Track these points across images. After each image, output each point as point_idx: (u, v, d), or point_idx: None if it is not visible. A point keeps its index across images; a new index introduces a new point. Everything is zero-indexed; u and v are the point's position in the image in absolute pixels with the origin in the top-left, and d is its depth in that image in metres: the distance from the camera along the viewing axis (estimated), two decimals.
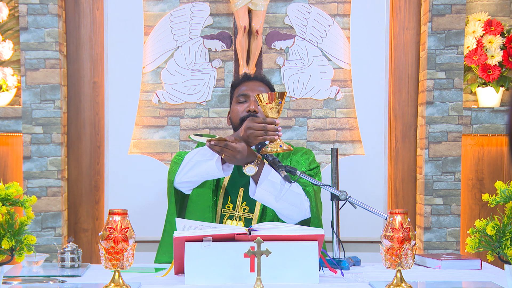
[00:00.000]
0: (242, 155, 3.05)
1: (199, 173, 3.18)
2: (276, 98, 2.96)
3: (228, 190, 3.31)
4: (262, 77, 3.46)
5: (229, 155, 3.05)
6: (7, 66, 4.15)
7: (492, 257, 2.45)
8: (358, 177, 4.18)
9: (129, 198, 4.14)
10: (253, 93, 3.28)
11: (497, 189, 2.46)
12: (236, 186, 3.30)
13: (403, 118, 4.31)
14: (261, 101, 2.97)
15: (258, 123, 3.05)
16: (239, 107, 3.31)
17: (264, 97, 2.96)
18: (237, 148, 3.03)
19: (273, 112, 3.00)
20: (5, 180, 4.07)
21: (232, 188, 3.30)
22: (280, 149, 3.01)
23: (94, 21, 4.27)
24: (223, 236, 2.64)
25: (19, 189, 2.41)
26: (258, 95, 2.97)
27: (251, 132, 3.06)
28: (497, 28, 4.19)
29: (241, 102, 3.31)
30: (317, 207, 3.22)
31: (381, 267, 2.69)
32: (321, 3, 4.25)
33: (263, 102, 2.96)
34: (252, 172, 3.09)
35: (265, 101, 2.97)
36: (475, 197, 4.28)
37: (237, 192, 3.30)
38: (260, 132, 3.04)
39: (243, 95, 3.31)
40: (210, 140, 3.04)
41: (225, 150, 3.04)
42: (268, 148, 3.01)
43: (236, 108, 3.31)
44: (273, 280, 2.57)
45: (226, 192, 3.31)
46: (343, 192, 3.07)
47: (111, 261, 2.42)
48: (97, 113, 4.27)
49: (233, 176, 3.32)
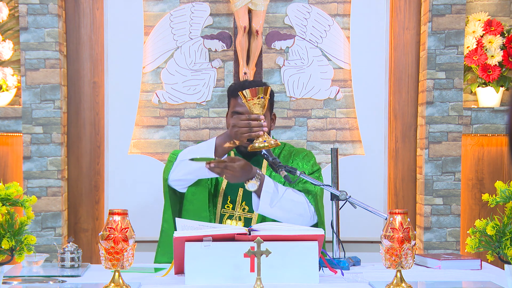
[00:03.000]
0: (243, 174, 3.11)
1: (191, 171, 3.22)
2: (258, 93, 2.99)
3: (227, 190, 3.33)
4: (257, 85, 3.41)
5: (229, 175, 3.11)
6: (7, 66, 4.15)
7: (492, 257, 2.45)
8: (358, 177, 4.18)
9: (129, 198, 4.14)
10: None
11: (497, 189, 2.46)
12: (235, 186, 3.31)
13: (403, 118, 4.31)
14: (244, 98, 3.01)
15: (243, 120, 3.08)
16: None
17: (247, 93, 3.00)
18: (236, 168, 3.08)
19: (257, 108, 3.03)
20: (5, 180, 4.07)
21: (231, 188, 3.32)
22: (268, 144, 3.04)
23: (94, 21, 4.27)
24: (223, 236, 2.65)
25: (19, 189, 2.41)
26: (241, 92, 3.01)
27: (236, 130, 3.11)
28: (497, 28, 4.19)
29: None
30: (319, 212, 3.26)
31: (381, 267, 2.69)
32: (321, 3, 4.25)
33: (246, 98, 3.00)
34: (254, 187, 3.15)
35: (248, 97, 3.00)
36: (475, 197, 4.28)
37: (236, 192, 3.31)
38: (245, 129, 3.09)
39: (237, 112, 3.31)
40: (210, 163, 3.08)
41: (225, 171, 3.10)
42: (256, 144, 3.06)
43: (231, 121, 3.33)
44: (273, 280, 2.57)
45: (225, 192, 3.33)
46: (343, 192, 3.07)
47: (111, 261, 2.42)
48: (97, 113, 4.27)
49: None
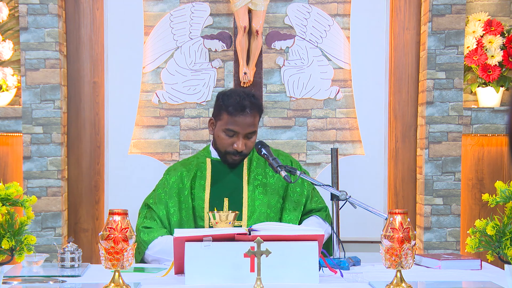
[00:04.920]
0: None
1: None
2: (228, 219, 2.87)
3: (212, 202, 3.30)
4: (255, 104, 3.35)
5: None
6: (7, 66, 4.15)
7: (492, 257, 2.45)
8: (358, 177, 4.18)
9: (129, 198, 4.14)
10: (243, 132, 3.27)
11: (497, 189, 2.46)
12: (219, 197, 3.31)
13: (403, 118, 4.31)
14: (212, 218, 2.89)
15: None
16: (227, 139, 3.30)
17: (215, 217, 2.87)
18: None
19: (221, 225, 2.89)
20: (5, 180, 4.07)
21: (215, 200, 3.30)
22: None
23: (94, 21, 4.27)
24: (223, 236, 2.64)
25: (19, 189, 2.41)
26: (210, 212, 2.89)
27: None
28: (497, 28, 4.19)
29: (229, 135, 3.30)
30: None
31: (381, 267, 2.69)
32: (321, 3, 4.25)
33: (214, 220, 2.88)
34: None
35: (216, 220, 2.87)
36: (475, 197, 4.28)
37: (221, 202, 3.30)
38: None
39: (233, 131, 3.29)
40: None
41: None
42: None
43: (223, 137, 3.30)
44: (273, 280, 2.57)
45: (211, 205, 3.29)
46: (343, 192, 3.07)
47: (111, 261, 2.42)
48: (97, 113, 4.27)
49: (214, 188, 3.32)
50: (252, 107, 3.29)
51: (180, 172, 3.37)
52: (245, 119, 3.28)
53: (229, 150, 3.30)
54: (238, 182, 3.34)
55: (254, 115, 3.30)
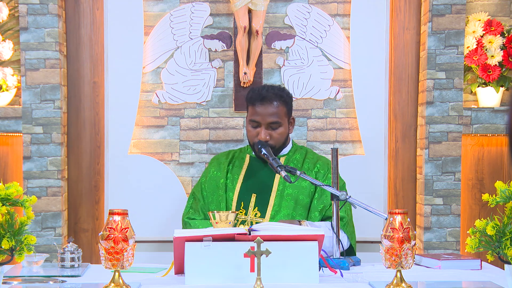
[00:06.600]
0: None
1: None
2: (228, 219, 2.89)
3: (241, 196, 3.42)
4: (277, 94, 3.47)
5: None
6: (7, 66, 4.15)
7: (492, 257, 2.45)
8: (358, 177, 4.18)
9: (129, 198, 4.14)
10: (264, 122, 3.41)
11: (497, 189, 2.46)
12: (248, 192, 3.36)
13: (403, 118, 4.31)
14: (212, 218, 2.91)
15: None
16: (252, 131, 3.46)
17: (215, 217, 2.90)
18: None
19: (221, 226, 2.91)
20: (5, 180, 4.07)
21: (244, 195, 3.38)
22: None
23: (94, 21, 4.27)
24: (223, 236, 2.65)
25: (19, 189, 2.41)
26: (210, 213, 2.91)
27: None
28: (497, 28, 4.19)
29: (253, 127, 3.45)
30: (352, 235, 3.37)
31: (381, 267, 2.69)
32: (321, 3, 4.25)
33: (214, 220, 2.90)
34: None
35: (216, 220, 2.90)
36: (475, 197, 4.28)
37: (249, 198, 3.37)
38: None
39: (256, 122, 3.44)
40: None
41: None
42: None
43: (249, 129, 3.48)
44: (273, 280, 2.57)
45: (239, 198, 3.42)
46: (343, 192, 3.07)
47: (111, 261, 2.42)
48: (97, 113, 4.27)
49: (246, 183, 3.39)
50: (272, 97, 3.42)
51: (219, 161, 3.59)
52: (266, 109, 3.42)
53: (255, 142, 3.42)
54: (270, 180, 3.42)
55: (276, 105, 3.43)
